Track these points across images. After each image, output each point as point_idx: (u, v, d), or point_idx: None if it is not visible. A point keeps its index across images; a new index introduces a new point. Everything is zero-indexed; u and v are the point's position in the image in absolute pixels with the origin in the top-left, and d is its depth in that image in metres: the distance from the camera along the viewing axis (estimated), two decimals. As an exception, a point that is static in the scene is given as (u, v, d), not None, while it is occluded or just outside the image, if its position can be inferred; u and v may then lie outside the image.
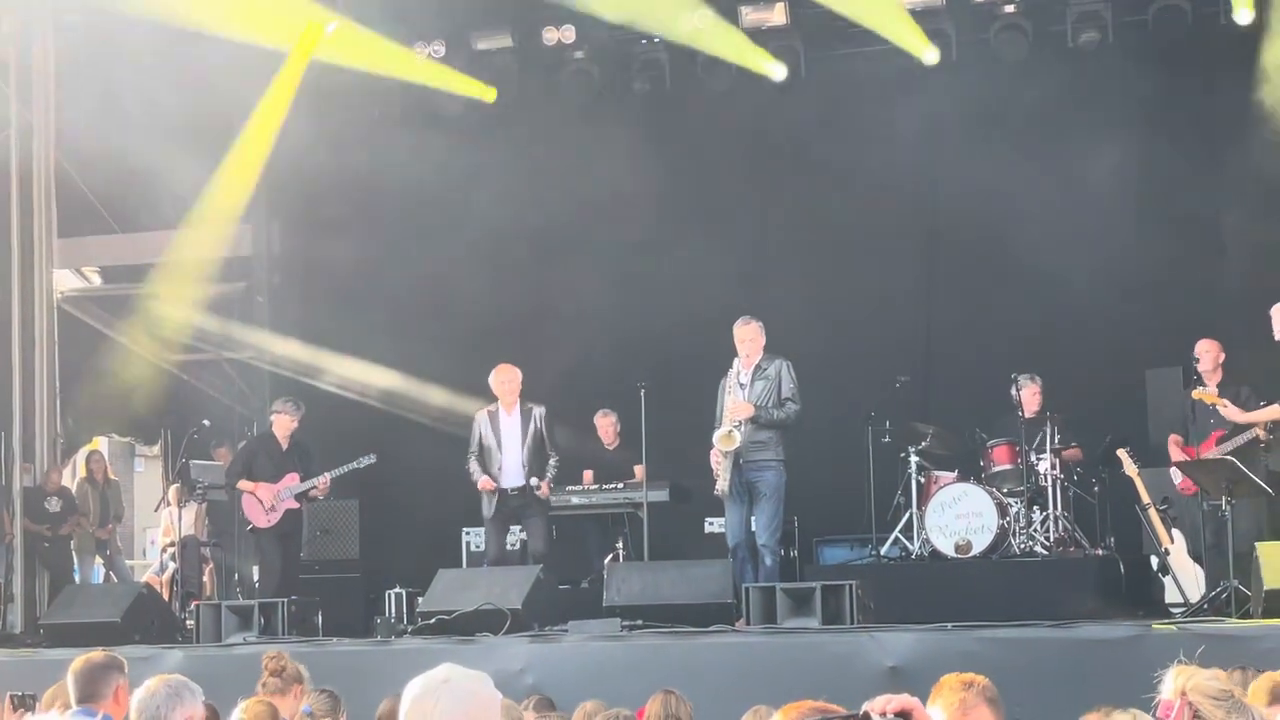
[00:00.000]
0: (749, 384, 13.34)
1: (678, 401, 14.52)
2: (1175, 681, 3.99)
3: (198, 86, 16.06)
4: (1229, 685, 3.79)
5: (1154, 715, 4.76)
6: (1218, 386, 13.14)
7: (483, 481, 14.35)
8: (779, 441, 13.32)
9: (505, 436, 14.39)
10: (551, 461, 14.41)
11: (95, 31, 15.71)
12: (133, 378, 18.13)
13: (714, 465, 13.37)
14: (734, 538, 13.40)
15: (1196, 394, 13.06)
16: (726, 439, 13.17)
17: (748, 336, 13.44)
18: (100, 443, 20.85)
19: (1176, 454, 13.44)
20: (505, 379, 14.50)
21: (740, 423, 13.18)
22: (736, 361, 13.43)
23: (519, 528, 15.08)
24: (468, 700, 4.00)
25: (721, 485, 13.30)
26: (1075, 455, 14.64)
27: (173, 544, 16.94)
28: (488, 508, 14.44)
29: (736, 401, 13.28)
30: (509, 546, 15.04)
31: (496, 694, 4.08)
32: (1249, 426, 12.76)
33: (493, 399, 14.61)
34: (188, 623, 13.95)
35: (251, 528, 15.06)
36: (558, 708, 8.91)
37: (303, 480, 14.95)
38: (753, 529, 13.42)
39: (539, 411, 14.43)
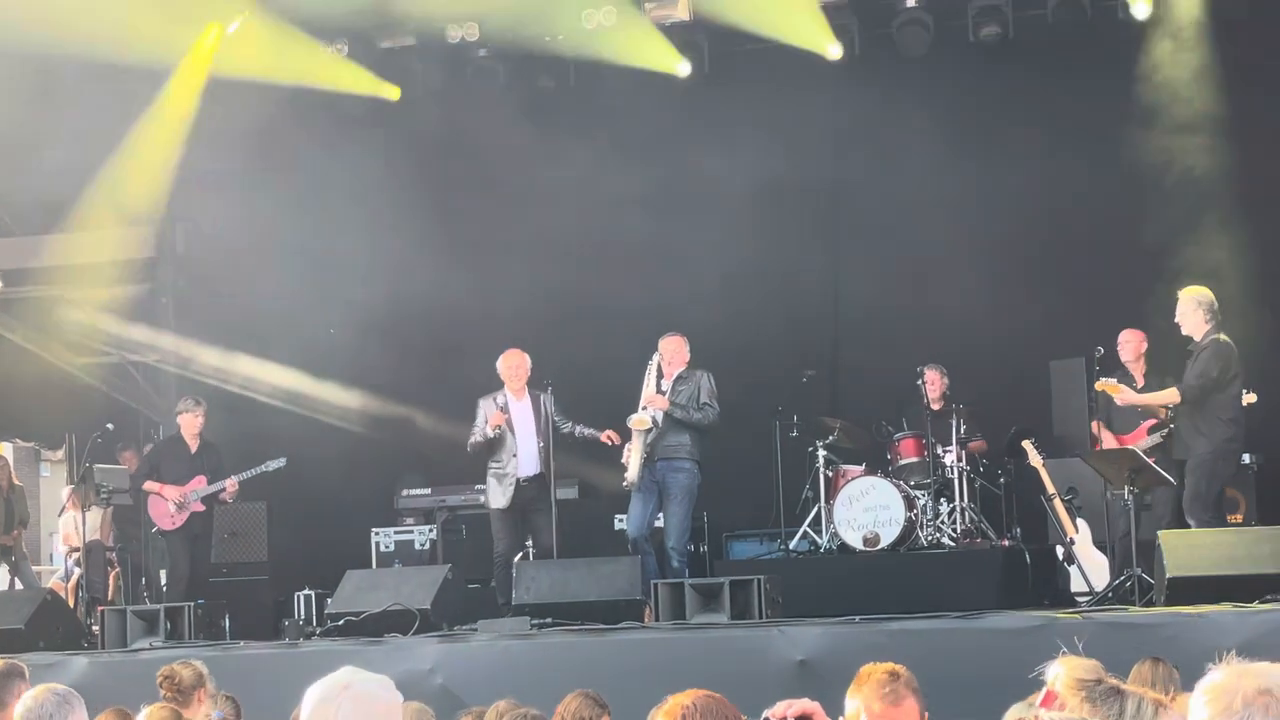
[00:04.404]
0: (669, 390, 13.42)
1: (585, 399, 14.51)
2: (1053, 672, 4.06)
3: (97, 86, 15.89)
4: (1098, 674, 3.84)
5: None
6: (1144, 377, 13.26)
7: (494, 417, 13.57)
8: (695, 441, 13.38)
9: (519, 424, 13.72)
10: (578, 430, 13.84)
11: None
12: (36, 382, 17.92)
13: (625, 458, 13.40)
14: (635, 530, 13.42)
15: (1099, 385, 13.14)
16: (639, 420, 13.22)
17: (671, 348, 13.58)
18: (4, 448, 20.60)
19: (1109, 440, 13.42)
20: (515, 364, 13.83)
21: (655, 415, 13.25)
22: (656, 355, 13.50)
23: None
24: (369, 705, 3.98)
25: (630, 476, 13.33)
26: (980, 447, 14.78)
27: (76, 549, 16.75)
28: (500, 497, 13.79)
29: (654, 395, 13.34)
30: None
31: (398, 696, 4.07)
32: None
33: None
34: (93, 629, 13.81)
35: (158, 530, 14.94)
36: (467, 706, 8.88)
37: (210, 483, 14.83)
38: (658, 525, 13.47)
39: (547, 397, 13.78)
